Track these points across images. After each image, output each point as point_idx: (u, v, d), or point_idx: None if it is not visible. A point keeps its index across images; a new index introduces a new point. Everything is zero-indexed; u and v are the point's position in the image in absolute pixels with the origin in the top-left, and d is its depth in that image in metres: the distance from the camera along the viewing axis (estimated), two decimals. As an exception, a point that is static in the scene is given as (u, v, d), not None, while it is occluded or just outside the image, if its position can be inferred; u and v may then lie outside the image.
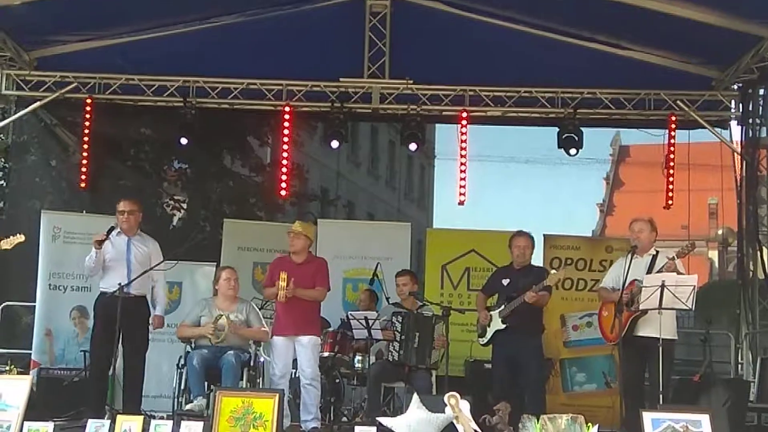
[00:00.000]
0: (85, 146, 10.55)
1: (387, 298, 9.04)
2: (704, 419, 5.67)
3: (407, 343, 7.99)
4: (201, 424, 6.14)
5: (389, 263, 9.75)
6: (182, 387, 7.77)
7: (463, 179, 10.54)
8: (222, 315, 7.83)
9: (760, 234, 10.32)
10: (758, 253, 10.22)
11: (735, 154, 10.47)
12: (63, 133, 12.40)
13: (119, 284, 7.55)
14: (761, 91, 10.41)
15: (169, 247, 8.56)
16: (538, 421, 5.69)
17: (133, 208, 8.06)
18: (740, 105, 10.43)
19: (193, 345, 7.92)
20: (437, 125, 20.46)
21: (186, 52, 10.40)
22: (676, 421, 5.65)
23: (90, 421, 6.25)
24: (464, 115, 10.46)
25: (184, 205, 16.87)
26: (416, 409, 5.94)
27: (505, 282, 8.08)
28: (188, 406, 7.45)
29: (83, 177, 10.58)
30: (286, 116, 10.50)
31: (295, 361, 7.92)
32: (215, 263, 9.82)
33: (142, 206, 8.36)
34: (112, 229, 7.86)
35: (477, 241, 10.78)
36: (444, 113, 10.73)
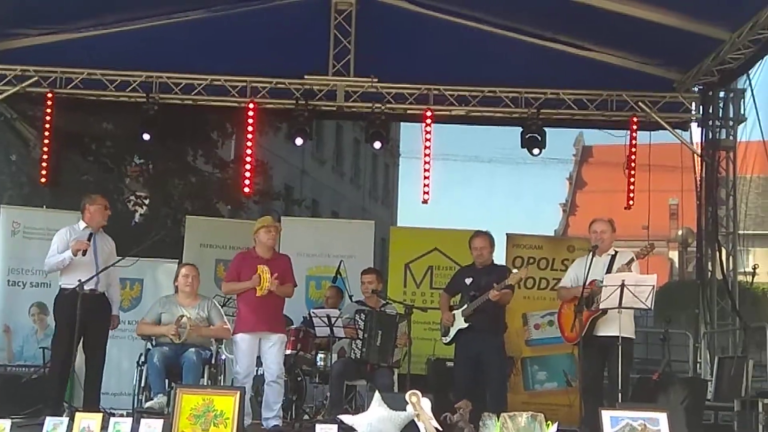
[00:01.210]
0: (46, 141, 10.44)
1: (350, 296, 9.05)
2: (662, 418, 5.73)
3: (370, 341, 7.99)
4: (161, 421, 6.09)
5: (352, 261, 9.76)
6: (142, 384, 7.70)
7: (427, 178, 10.58)
8: (184, 315, 7.77)
9: (719, 235, 10.46)
10: (717, 253, 10.36)
11: (695, 155, 10.60)
12: (23, 127, 12.29)
13: (79, 281, 7.47)
14: (721, 94, 10.56)
15: (130, 244, 8.49)
16: (498, 419, 5.71)
17: (107, 204, 8.05)
18: (700, 107, 10.57)
19: (153, 342, 7.86)
20: (402, 124, 20.44)
21: (149, 47, 10.32)
22: (634, 419, 5.70)
23: (48, 418, 6.17)
24: (428, 113, 10.49)
25: (146, 202, 16.74)
26: (377, 407, 5.94)
27: (468, 281, 8.10)
28: (148, 404, 7.38)
29: (44, 172, 10.46)
30: (250, 113, 10.46)
31: (257, 358, 7.89)
32: (177, 260, 9.75)
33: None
34: (91, 235, 7.76)
35: (440, 239, 10.83)
36: (408, 112, 10.75)
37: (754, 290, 16.40)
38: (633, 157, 10.60)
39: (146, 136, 10.44)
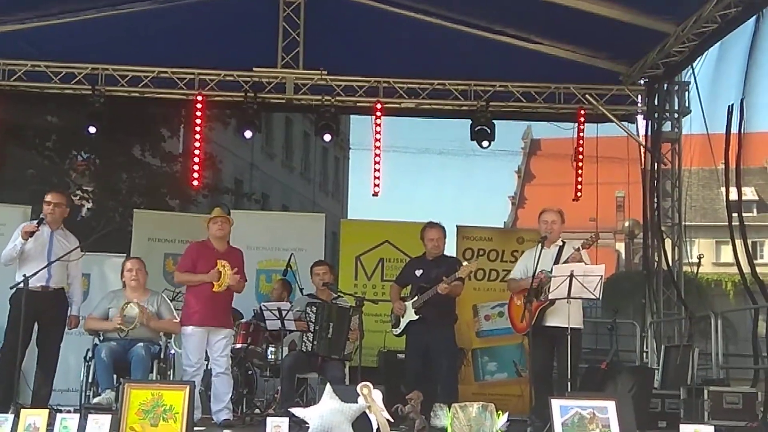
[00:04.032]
0: (-12, 134, 10.26)
1: (301, 289, 9.01)
2: (610, 406, 5.79)
3: (321, 333, 7.94)
4: (109, 417, 6.00)
5: (303, 254, 9.72)
6: (90, 380, 7.58)
7: (378, 170, 10.59)
8: (129, 302, 7.65)
9: (664, 226, 10.62)
10: (662, 244, 10.51)
11: (641, 147, 10.73)
12: (-35, 120, 11.98)
13: (24, 276, 7.33)
14: (666, 86, 10.70)
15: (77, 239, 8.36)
16: (449, 409, 5.74)
17: (60, 201, 7.90)
18: (646, 99, 10.71)
19: (101, 337, 7.75)
20: (352, 116, 20.43)
21: (95, 38, 10.20)
22: (583, 408, 5.75)
23: (-8, 415, 6.05)
24: (378, 106, 10.50)
25: (92, 196, 16.51)
26: (329, 399, 5.92)
27: (418, 273, 8.11)
28: (96, 400, 7.28)
29: (-14, 166, 10.28)
30: (198, 105, 10.37)
31: (206, 351, 7.82)
32: (125, 254, 9.63)
33: (69, 201, 8.22)
34: (41, 220, 7.64)
35: (391, 232, 10.84)
36: (358, 104, 10.75)
37: (699, 280, 16.70)
38: (580, 149, 10.71)
39: (92, 129, 10.30)
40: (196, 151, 10.62)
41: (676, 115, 10.75)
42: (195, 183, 10.91)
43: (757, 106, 9.49)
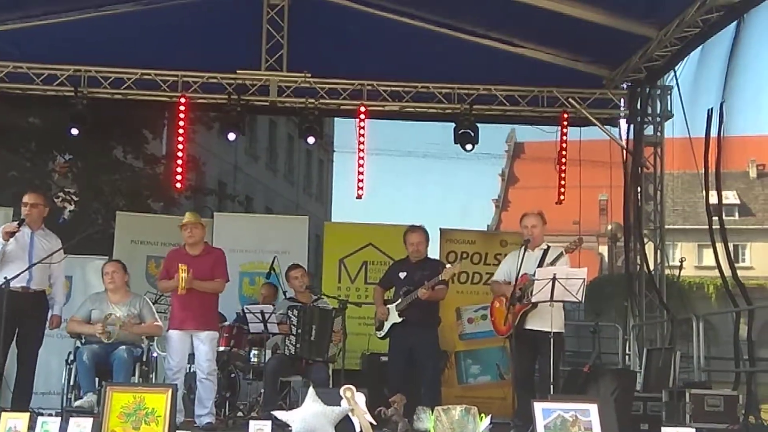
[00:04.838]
0: (-31, 136, 10.20)
1: (284, 292, 8.99)
2: (592, 408, 5.79)
3: (303, 336, 7.94)
4: (90, 420, 5.97)
5: (286, 257, 9.71)
6: (71, 383, 7.55)
7: (362, 173, 10.59)
8: (111, 314, 7.63)
9: (646, 229, 10.66)
10: (644, 247, 10.55)
11: (624, 151, 10.78)
12: (-55, 121, 11.94)
13: (5, 278, 7.29)
14: (648, 90, 10.76)
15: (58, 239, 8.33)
16: (432, 412, 5.74)
17: (37, 201, 7.83)
18: (628, 103, 10.76)
19: (83, 340, 7.72)
20: (336, 119, 20.44)
21: (78, 40, 10.16)
22: (565, 411, 5.76)
23: (-27, 419, 6.00)
24: (362, 109, 10.51)
25: (75, 198, 16.42)
26: (312, 402, 5.91)
27: (402, 275, 8.12)
28: (77, 403, 7.24)
29: (-33, 167, 10.21)
30: (182, 108, 10.34)
31: (190, 355, 7.81)
32: (107, 257, 9.59)
33: (47, 201, 8.16)
34: (22, 221, 7.60)
35: (374, 234, 10.86)
36: (342, 107, 10.76)
37: (681, 283, 16.77)
38: (564, 152, 10.75)
39: (74, 131, 10.26)
40: (180, 153, 10.58)
41: (658, 119, 10.81)
42: (178, 185, 10.89)
43: (737, 109, 9.57)
